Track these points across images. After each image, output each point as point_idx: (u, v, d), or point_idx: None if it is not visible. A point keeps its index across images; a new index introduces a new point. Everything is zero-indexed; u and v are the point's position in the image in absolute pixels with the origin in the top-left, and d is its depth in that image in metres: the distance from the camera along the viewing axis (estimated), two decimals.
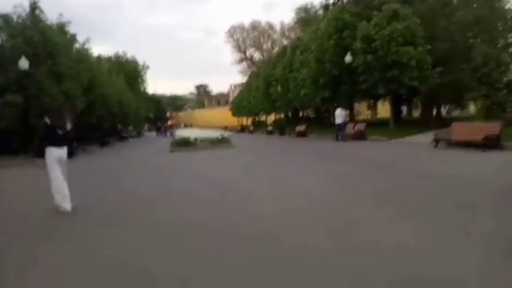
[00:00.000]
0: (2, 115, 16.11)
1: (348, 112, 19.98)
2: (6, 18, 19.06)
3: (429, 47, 17.56)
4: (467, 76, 18.19)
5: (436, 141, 12.33)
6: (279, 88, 31.94)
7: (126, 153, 19.79)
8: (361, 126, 18.43)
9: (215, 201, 5.97)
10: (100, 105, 25.20)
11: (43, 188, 6.06)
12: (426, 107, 24.73)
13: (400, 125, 19.80)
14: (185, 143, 17.46)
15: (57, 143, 5.67)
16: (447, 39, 18.76)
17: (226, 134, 18.87)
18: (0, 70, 17.05)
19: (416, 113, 31.53)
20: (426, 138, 15.13)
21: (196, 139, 17.78)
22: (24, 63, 16.62)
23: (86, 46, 26.21)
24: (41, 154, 5.72)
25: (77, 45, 24.09)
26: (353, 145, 15.72)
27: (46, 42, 18.28)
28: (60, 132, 5.74)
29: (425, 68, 17.63)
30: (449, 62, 19.22)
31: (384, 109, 32.72)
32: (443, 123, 21.40)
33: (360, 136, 17.65)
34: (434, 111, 24.69)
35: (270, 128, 35.82)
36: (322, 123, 32.49)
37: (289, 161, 11.79)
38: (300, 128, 26.43)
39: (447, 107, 32.75)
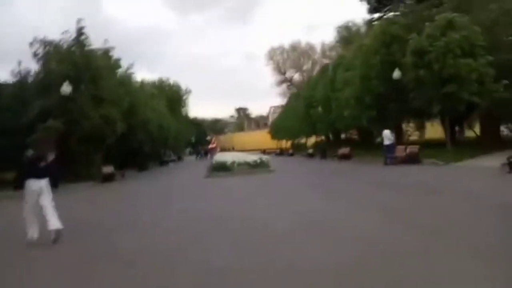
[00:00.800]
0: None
1: (394, 133, 18.17)
2: (55, 44, 19.48)
3: (490, 58, 15.65)
4: None
5: (510, 165, 10.43)
6: (320, 109, 30.67)
7: (159, 180, 19.24)
8: (414, 148, 16.58)
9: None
10: (141, 129, 25.34)
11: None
12: (485, 126, 22.24)
13: (456, 147, 17.68)
14: (223, 167, 16.63)
15: (37, 175, 5.63)
16: (511, 49, 16.71)
17: (265, 157, 17.81)
18: (45, 95, 17.43)
19: (469, 133, 28.54)
20: (492, 161, 13.14)
21: (233, 163, 16.90)
22: (66, 88, 16.84)
23: (129, 71, 26.72)
24: (22, 186, 5.77)
25: (120, 70, 24.51)
26: (407, 170, 13.99)
27: (89, 66, 18.59)
28: (41, 164, 5.74)
29: (487, 81, 15.68)
30: None
31: (433, 130, 30.14)
32: (505, 143, 19.04)
33: (413, 160, 15.81)
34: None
35: (310, 151, 34.33)
36: (366, 145, 30.62)
37: (334, 190, 10.44)
38: (344, 150, 24.85)
39: (509, 125, 29.56)
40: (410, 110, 19.22)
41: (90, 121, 17.33)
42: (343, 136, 37.46)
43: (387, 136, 16.87)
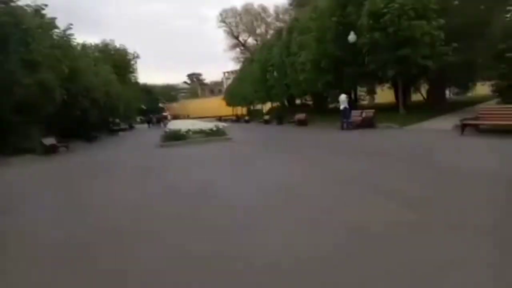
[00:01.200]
0: None
1: (349, 98, 18.30)
2: None
3: (442, 21, 15.88)
4: (483, 54, 16.60)
5: (463, 127, 10.78)
6: (275, 74, 30.20)
7: (107, 150, 17.99)
8: (369, 113, 16.78)
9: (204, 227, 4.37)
10: (84, 96, 23.32)
11: None
12: (433, 89, 23.14)
13: (406, 111, 18.20)
14: (176, 136, 15.78)
15: None
16: (460, 13, 17.07)
17: (221, 124, 17.17)
18: None
19: (416, 97, 29.63)
20: (444, 123, 13.63)
21: (188, 131, 16.10)
22: None
23: (68, 33, 24.15)
24: None
25: (57, 31, 22.02)
26: (364, 134, 14.14)
27: (18, 26, 16.34)
28: None
29: (438, 45, 15.99)
30: (463, 38, 17.56)
31: (383, 95, 30.96)
32: (452, 106, 19.95)
33: (368, 124, 16.07)
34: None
35: (266, 117, 34.14)
36: (320, 111, 30.90)
37: (293, 156, 10.20)
38: (300, 116, 24.81)
39: (452, 89, 31.09)
40: (365, 74, 19.32)
41: (23, 88, 15.44)
42: (297, 102, 37.54)
43: (343, 100, 16.89)
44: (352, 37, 18.28)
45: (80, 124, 26.39)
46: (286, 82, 27.04)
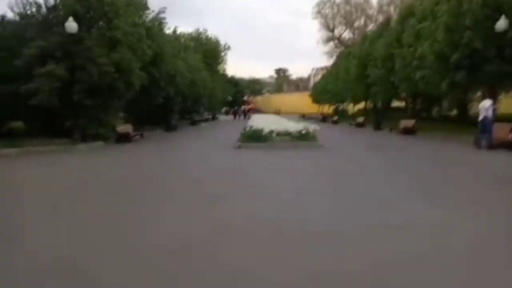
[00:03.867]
0: (40, 89, 13.19)
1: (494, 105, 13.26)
2: None
3: None
4: None
5: None
6: (378, 69, 25.65)
7: (179, 145, 15.87)
8: None
9: None
10: (167, 83, 21.94)
11: None
12: None
13: None
14: (257, 137, 12.93)
15: None
16: None
17: (312, 127, 13.84)
18: (47, 34, 14.21)
19: None
20: None
21: (271, 132, 13.14)
22: (71, 25, 13.52)
23: (160, 16, 22.94)
24: None
25: (149, 13, 20.77)
26: None
27: (103, 0, 15.10)
28: None
29: None
30: None
31: (506, 103, 24.09)
32: None
33: None
34: None
35: (360, 119, 29.62)
36: (428, 117, 25.54)
37: (419, 186, 6.51)
38: (408, 123, 20.21)
39: None
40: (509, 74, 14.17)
41: (99, 68, 14.05)
42: (400, 105, 32.28)
43: (486, 108, 12.22)
44: (502, 23, 13.37)
45: (162, 111, 25.40)
46: (393, 80, 22.42)
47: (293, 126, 14.31)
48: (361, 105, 39.65)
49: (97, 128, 14.97)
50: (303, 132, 13.37)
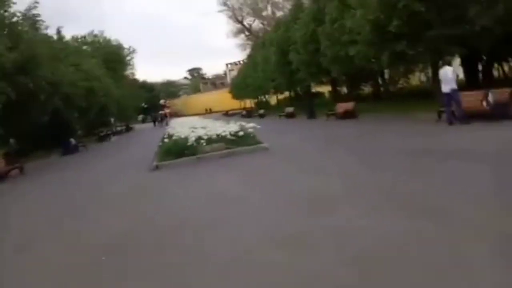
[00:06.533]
0: None
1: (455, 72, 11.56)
2: None
3: None
4: None
5: None
6: (300, 54, 23.64)
7: (70, 179, 11.39)
8: (497, 95, 10.04)
9: None
10: (50, 95, 16.95)
11: None
12: None
13: None
14: (182, 149, 9.41)
15: None
16: None
17: (249, 126, 10.78)
18: None
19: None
20: None
21: (199, 140, 9.72)
22: None
23: (32, 13, 18.27)
24: None
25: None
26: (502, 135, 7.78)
27: None
28: None
29: None
30: None
31: None
32: None
33: (502, 113, 9.44)
34: None
35: (289, 109, 27.37)
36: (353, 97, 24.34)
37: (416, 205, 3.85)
38: (347, 106, 18.37)
39: None
40: (463, 38, 12.68)
41: None
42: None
43: (450, 78, 10.31)
44: None
45: (53, 129, 20.22)
46: (321, 60, 20.36)
47: (225, 127, 11.07)
48: (284, 94, 38.05)
49: None
50: (240, 134, 10.23)
